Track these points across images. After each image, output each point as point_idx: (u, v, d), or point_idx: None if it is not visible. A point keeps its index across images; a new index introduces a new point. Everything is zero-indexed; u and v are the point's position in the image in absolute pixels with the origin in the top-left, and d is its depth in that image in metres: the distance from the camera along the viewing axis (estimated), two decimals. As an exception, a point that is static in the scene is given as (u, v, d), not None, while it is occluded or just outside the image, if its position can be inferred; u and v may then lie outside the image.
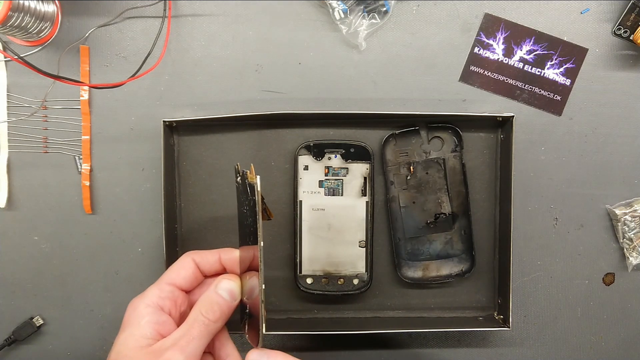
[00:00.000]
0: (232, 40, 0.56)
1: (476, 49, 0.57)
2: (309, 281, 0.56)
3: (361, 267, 0.56)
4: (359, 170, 0.56)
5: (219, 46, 0.56)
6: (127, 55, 0.56)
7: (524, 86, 0.57)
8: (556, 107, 0.58)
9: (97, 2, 0.55)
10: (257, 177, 0.40)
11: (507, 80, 0.57)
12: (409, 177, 0.57)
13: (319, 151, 0.56)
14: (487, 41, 0.57)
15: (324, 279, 0.56)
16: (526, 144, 0.58)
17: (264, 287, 0.40)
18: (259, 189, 0.40)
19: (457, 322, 0.57)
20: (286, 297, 0.58)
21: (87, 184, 0.57)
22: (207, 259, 0.46)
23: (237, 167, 0.45)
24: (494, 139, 0.57)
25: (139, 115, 0.57)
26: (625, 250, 0.58)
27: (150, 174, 0.57)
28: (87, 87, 0.56)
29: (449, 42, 0.57)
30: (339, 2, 0.54)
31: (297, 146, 0.56)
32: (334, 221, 0.56)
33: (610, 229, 0.59)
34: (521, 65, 0.57)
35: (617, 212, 0.58)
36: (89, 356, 0.59)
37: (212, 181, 0.57)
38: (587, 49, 0.57)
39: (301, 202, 0.56)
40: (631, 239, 0.58)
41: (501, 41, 0.57)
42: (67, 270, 0.58)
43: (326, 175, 0.56)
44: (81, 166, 0.57)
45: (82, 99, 0.56)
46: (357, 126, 0.57)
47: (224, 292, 0.43)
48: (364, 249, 0.56)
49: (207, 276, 0.46)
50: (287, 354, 0.41)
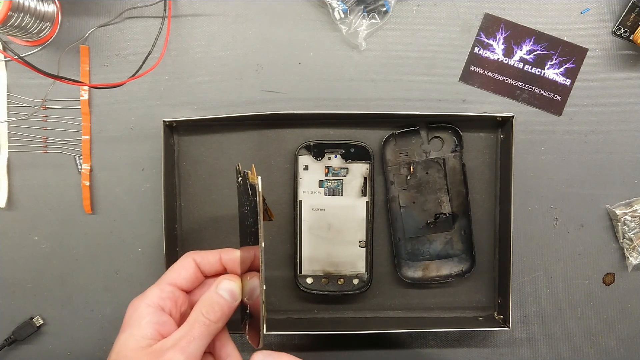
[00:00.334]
0: (232, 40, 0.56)
1: (476, 49, 0.57)
2: (309, 281, 0.56)
3: (361, 267, 0.56)
4: (359, 170, 0.56)
5: (219, 46, 0.56)
6: (127, 55, 0.56)
7: (524, 86, 0.57)
8: (556, 107, 0.58)
9: (97, 2, 0.55)
10: (259, 178, 0.40)
11: (507, 80, 0.57)
12: (409, 177, 0.57)
13: (319, 151, 0.56)
14: (487, 41, 0.57)
15: (324, 279, 0.56)
16: (526, 144, 0.58)
17: (264, 288, 0.40)
18: (260, 189, 0.40)
19: (457, 322, 0.57)
20: (286, 297, 0.58)
21: (87, 184, 0.57)
22: (208, 259, 0.46)
23: (238, 167, 0.45)
24: (494, 139, 0.57)
25: (139, 115, 0.57)
26: (625, 250, 0.58)
27: (150, 174, 0.57)
28: (87, 87, 0.56)
29: (449, 42, 0.57)
30: (339, 2, 0.54)
31: (297, 146, 0.56)
32: (334, 221, 0.56)
33: (610, 229, 0.59)
34: (521, 65, 0.57)
35: (617, 212, 0.58)
36: (89, 356, 0.59)
37: (212, 181, 0.57)
38: (587, 49, 0.57)
39: (301, 202, 0.56)
40: (631, 239, 0.58)
41: (501, 41, 0.57)
42: (67, 270, 0.58)
43: (326, 175, 0.56)
44: (81, 166, 0.57)
45: (82, 99, 0.56)
46: (357, 126, 0.57)
47: (225, 292, 0.43)
48: (364, 249, 0.56)
49: (207, 276, 0.46)
50: (292, 356, 0.41)
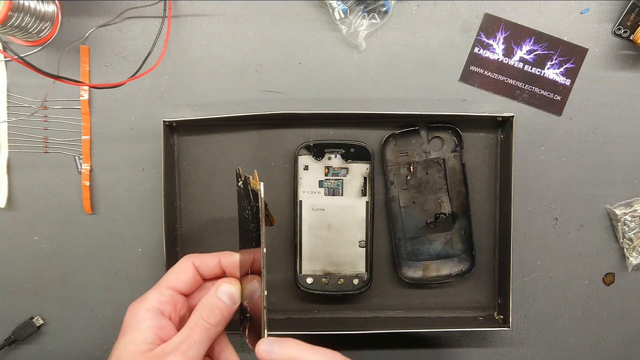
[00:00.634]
0: (232, 40, 0.56)
1: (476, 49, 0.57)
2: (309, 281, 0.56)
3: (361, 267, 0.56)
4: (359, 170, 0.56)
5: (219, 46, 0.56)
6: (127, 55, 0.56)
7: (524, 86, 0.57)
8: (556, 107, 0.58)
9: (97, 2, 0.55)
10: (261, 183, 0.39)
11: (507, 80, 0.57)
12: (409, 177, 0.57)
13: (319, 151, 0.56)
14: (487, 41, 0.57)
15: (324, 279, 0.56)
16: (526, 144, 0.58)
17: (266, 293, 0.40)
18: (262, 195, 0.39)
19: (457, 322, 0.57)
20: (286, 297, 0.58)
21: (87, 184, 0.57)
22: (207, 262, 0.45)
23: (238, 171, 0.44)
24: (494, 139, 0.57)
25: (139, 115, 0.57)
26: (625, 250, 0.58)
27: (150, 174, 0.57)
28: (87, 87, 0.56)
29: (449, 42, 0.57)
30: (339, 2, 0.54)
31: (297, 146, 0.56)
32: (334, 221, 0.56)
33: (610, 229, 0.59)
34: (521, 65, 0.57)
35: (617, 212, 0.58)
36: (89, 356, 0.59)
37: (212, 181, 0.57)
38: (587, 49, 0.57)
39: (301, 202, 0.56)
40: (631, 239, 0.58)
41: (501, 41, 0.57)
42: (67, 270, 0.58)
43: (326, 175, 0.56)
44: (81, 166, 0.57)
45: (82, 99, 0.56)
46: (357, 126, 0.57)
47: (224, 295, 0.43)
48: (364, 249, 0.56)
49: (206, 279, 0.46)
50: (299, 341, 0.40)
